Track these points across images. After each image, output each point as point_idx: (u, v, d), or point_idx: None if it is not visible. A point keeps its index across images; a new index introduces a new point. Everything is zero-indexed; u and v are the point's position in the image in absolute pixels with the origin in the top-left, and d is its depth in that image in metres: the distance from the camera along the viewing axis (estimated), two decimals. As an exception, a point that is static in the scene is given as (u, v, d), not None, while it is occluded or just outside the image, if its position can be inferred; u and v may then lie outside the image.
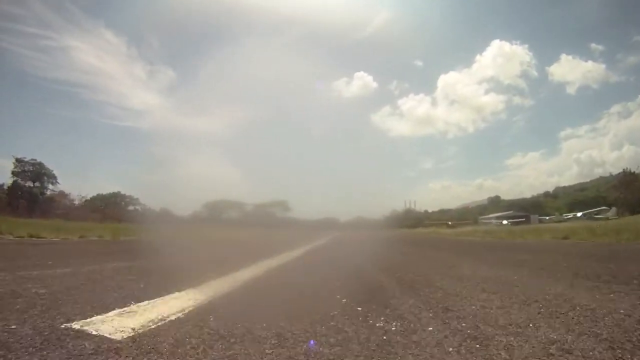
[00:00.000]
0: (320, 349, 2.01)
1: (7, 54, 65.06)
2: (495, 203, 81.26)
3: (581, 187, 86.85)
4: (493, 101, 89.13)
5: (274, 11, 70.15)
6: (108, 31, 69.25)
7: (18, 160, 53.76)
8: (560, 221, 40.81)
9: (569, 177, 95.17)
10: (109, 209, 50.03)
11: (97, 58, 73.31)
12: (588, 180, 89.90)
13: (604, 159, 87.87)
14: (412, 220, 54.16)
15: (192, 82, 69.07)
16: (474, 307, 3.00)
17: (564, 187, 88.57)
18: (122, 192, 63.73)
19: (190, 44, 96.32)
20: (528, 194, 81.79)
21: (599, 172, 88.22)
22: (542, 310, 2.84)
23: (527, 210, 58.67)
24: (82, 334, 2.15)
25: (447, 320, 2.60)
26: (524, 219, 49.26)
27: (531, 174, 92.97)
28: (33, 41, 62.36)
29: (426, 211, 68.71)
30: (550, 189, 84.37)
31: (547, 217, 50.08)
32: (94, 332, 2.19)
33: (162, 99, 67.44)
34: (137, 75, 69.06)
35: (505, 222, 48.06)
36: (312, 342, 2.05)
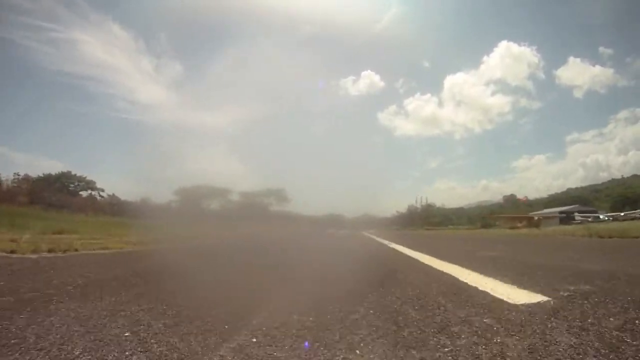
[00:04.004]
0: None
1: (15, 46, 63.06)
2: (511, 202, 73.91)
3: (593, 189, 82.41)
4: (500, 103, 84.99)
5: (283, 10, 68.67)
6: (115, 24, 64.24)
7: None
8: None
9: (575, 180, 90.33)
10: (45, 192, 37.76)
11: (105, 51, 68.01)
12: (599, 182, 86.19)
13: (609, 164, 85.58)
14: (437, 217, 45.66)
15: (199, 77, 67.78)
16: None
17: (576, 189, 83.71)
18: (74, 173, 51.38)
19: (199, 40, 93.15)
20: (534, 196, 77.00)
21: (604, 176, 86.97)
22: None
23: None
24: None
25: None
26: (600, 214, 40.36)
27: (537, 176, 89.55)
28: (41, 34, 60.44)
29: (443, 206, 59.90)
30: (555, 191, 79.83)
31: (622, 214, 40.75)
32: None
33: (169, 93, 66.41)
34: (145, 69, 65.74)
35: (602, 216, 38.97)
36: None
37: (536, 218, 29.74)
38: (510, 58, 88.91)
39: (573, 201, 56.55)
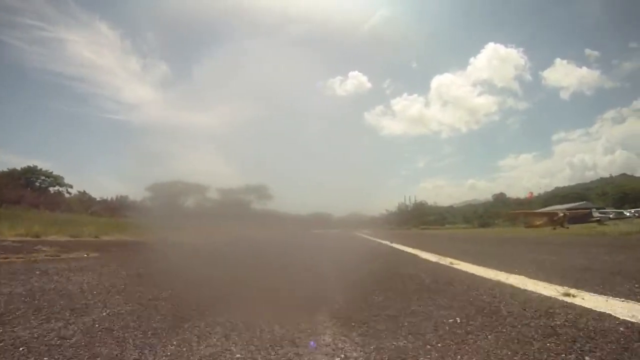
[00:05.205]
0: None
1: (3, 46, 60.86)
2: (501, 201, 72.89)
3: (584, 188, 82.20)
4: (487, 103, 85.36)
5: (270, 9, 68.30)
6: (103, 24, 66.93)
7: None
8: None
9: (561, 179, 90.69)
10: (4, 188, 34.13)
11: (92, 51, 68.51)
12: (588, 181, 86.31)
13: (596, 163, 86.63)
14: (432, 216, 43.60)
15: (186, 77, 69.21)
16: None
17: (563, 188, 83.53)
18: (40, 167, 47.36)
19: (185, 40, 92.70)
20: (521, 195, 75.62)
21: (590, 175, 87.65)
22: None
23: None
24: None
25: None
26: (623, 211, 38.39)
27: (524, 175, 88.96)
28: (29, 33, 58.68)
29: (435, 204, 57.96)
30: (543, 190, 79.25)
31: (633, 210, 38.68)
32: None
33: (156, 93, 66.22)
34: (132, 69, 67.10)
35: (627, 212, 37.15)
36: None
37: (561, 214, 25.98)
38: (497, 59, 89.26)
39: (574, 199, 54.87)
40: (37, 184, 46.77)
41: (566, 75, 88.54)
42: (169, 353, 2.05)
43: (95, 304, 3.15)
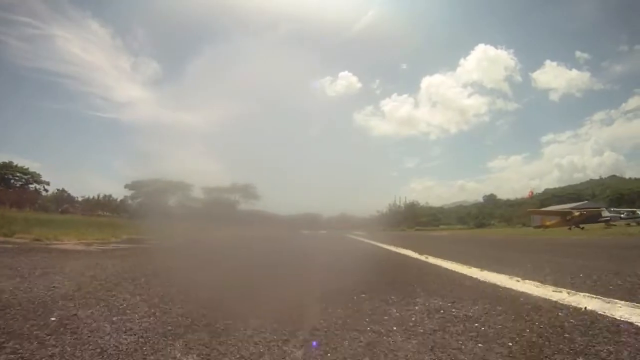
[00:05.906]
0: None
1: None
2: (492, 201, 72.83)
3: (573, 190, 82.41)
4: (476, 104, 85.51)
5: (262, 8, 67.29)
6: (94, 21, 65.44)
7: None
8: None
9: (550, 181, 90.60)
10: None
11: (83, 49, 66.72)
12: (578, 182, 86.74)
13: (584, 165, 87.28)
14: (425, 216, 42.62)
15: (177, 75, 68.13)
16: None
17: (554, 189, 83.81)
18: (16, 164, 44.91)
19: (176, 38, 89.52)
20: (510, 196, 75.49)
21: (578, 176, 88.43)
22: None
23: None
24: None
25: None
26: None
27: (513, 176, 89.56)
28: (18, 29, 60.18)
29: (427, 204, 56.96)
30: (536, 192, 78.93)
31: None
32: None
33: (146, 92, 63.55)
34: (122, 67, 66.49)
35: None
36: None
37: (576, 213, 22.90)
38: (487, 61, 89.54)
39: (571, 199, 53.83)
40: (12, 180, 44.45)
41: (556, 77, 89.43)
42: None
43: None
